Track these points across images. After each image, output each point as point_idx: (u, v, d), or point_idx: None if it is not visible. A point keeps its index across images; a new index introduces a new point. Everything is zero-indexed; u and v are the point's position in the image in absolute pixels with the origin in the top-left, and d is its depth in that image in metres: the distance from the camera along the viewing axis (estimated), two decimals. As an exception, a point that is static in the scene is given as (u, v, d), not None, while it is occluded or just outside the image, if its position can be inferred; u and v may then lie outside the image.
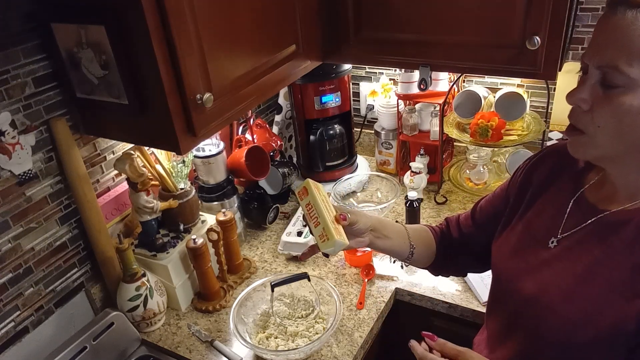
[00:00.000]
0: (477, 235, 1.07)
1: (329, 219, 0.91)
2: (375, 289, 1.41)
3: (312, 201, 0.94)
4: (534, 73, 1.20)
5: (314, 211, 0.93)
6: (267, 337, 1.26)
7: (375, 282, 1.44)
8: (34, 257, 1.18)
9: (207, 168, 1.52)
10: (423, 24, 1.26)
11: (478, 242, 1.05)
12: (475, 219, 1.08)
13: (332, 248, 0.89)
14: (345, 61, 1.59)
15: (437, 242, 1.11)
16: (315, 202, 0.93)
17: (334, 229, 0.89)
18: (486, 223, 1.04)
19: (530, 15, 1.13)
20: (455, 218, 1.13)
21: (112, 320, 1.24)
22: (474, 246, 1.07)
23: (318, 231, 0.91)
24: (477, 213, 1.08)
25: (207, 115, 1.03)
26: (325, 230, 0.89)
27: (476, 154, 1.71)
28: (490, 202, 1.06)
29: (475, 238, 1.07)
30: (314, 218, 0.92)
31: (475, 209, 1.09)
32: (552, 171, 0.92)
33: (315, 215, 0.92)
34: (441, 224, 1.15)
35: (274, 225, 1.72)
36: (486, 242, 1.01)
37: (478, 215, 1.08)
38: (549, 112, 1.67)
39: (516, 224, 0.94)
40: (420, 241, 1.08)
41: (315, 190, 0.96)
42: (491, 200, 1.06)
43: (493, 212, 1.03)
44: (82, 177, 1.21)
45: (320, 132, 1.75)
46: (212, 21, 0.99)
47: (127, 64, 0.96)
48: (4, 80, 1.05)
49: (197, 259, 1.33)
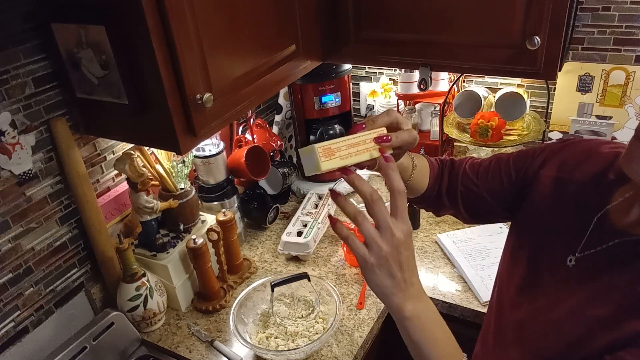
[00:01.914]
0: (474, 189, 0.96)
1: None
2: (375, 289, 1.41)
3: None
4: (534, 73, 1.20)
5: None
6: (267, 337, 1.27)
7: (375, 282, 1.44)
8: (34, 257, 1.18)
9: (207, 168, 1.52)
10: (423, 24, 1.26)
11: (473, 194, 0.96)
12: (479, 177, 0.96)
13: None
14: (345, 61, 1.59)
15: (432, 174, 0.99)
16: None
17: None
18: (494, 192, 0.93)
19: (530, 15, 1.13)
20: (461, 165, 0.99)
21: (112, 320, 1.24)
22: (468, 195, 0.97)
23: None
24: (481, 173, 0.96)
25: (207, 115, 1.03)
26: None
27: (476, 154, 1.71)
28: (498, 168, 0.93)
29: (472, 191, 0.96)
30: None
31: (484, 172, 0.95)
32: (575, 175, 0.80)
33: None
34: (443, 161, 1.02)
35: (274, 225, 1.72)
36: (481, 196, 0.94)
37: (482, 175, 0.95)
38: (549, 112, 1.67)
39: (522, 226, 0.87)
40: (419, 168, 0.95)
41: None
42: (499, 166, 0.94)
43: (499, 179, 0.92)
44: (82, 177, 1.21)
45: (320, 132, 1.75)
46: (212, 21, 0.99)
47: (127, 64, 0.96)
48: (4, 80, 1.05)
49: (197, 259, 1.33)
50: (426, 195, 0.99)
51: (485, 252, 1.48)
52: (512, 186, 0.90)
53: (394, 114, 0.77)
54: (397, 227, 0.66)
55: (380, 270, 0.67)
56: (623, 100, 1.57)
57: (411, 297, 0.69)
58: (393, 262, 0.66)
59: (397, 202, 0.68)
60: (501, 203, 0.93)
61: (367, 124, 0.74)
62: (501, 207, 0.94)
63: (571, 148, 0.85)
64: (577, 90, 1.62)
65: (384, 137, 0.72)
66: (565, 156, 0.84)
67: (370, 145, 0.72)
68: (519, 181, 0.89)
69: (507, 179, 0.91)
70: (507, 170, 0.91)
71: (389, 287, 0.67)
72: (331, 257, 1.56)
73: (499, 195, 0.92)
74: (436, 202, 1.00)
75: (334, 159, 0.70)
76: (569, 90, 1.63)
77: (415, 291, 0.69)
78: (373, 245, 0.66)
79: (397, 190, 0.68)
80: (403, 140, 0.75)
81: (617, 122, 1.61)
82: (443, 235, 1.56)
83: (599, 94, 1.60)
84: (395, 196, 0.68)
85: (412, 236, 0.69)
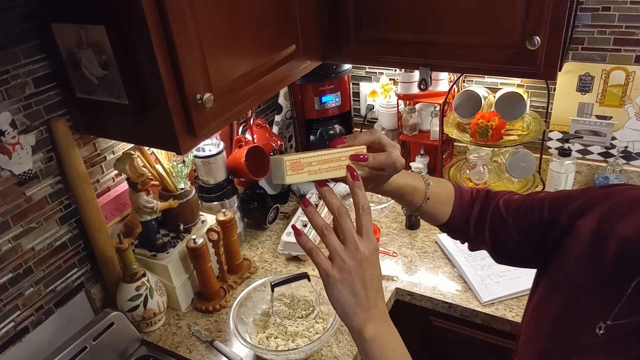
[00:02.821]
0: (503, 222, 0.88)
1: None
2: (375, 289, 1.41)
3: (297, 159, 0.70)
4: (534, 73, 1.20)
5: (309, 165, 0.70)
6: (267, 337, 1.26)
7: (375, 282, 1.44)
8: (34, 257, 1.18)
9: (207, 168, 1.51)
10: (423, 24, 1.26)
11: (501, 227, 0.88)
12: (510, 211, 0.88)
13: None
14: (345, 61, 1.59)
15: (456, 202, 0.93)
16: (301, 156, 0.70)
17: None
18: (523, 228, 0.85)
19: (530, 15, 1.13)
20: (495, 197, 0.92)
21: (112, 320, 1.24)
22: (499, 235, 0.90)
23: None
24: (514, 208, 0.88)
25: (207, 115, 1.03)
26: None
27: (476, 154, 1.71)
28: (532, 208, 0.85)
29: (500, 224, 0.89)
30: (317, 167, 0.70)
31: (516, 207, 0.88)
32: (618, 228, 0.69)
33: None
34: (478, 190, 0.95)
35: (274, 225, 1.72)
36: (508, 231, 0.86)
37: (514, 210, 0.88)
38: (549, 112, 1.67)
39: (551, 280, 0.76)
40: (437, 195, 0.90)
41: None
42: (532, 204, 0.85)
43: (530, 217, 0.84)
44: (82, 177, 1.21)
45: (320, 132, 1.75)
46: (212, 21, 0.99)
47: (127, 64, 0.96)
48: (4, 80, 1.05)
49: (197, 259, 1.33)
50: (451, 223, 0.93)
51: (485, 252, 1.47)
52: (542, 225, 0.81)
53: (377, 134, 0.75)
54: (363, 243, 0.66)
55: (342, 286, 0.65)
56: (623, 100, 1.57)
57: (373, 319, 0.66)
58: (356, 278, 0.65)
59: (362, 220, 0.67)
60: (528, 240, 0.84)
61: (348, 139, 0.73)
62: (528, 244, 0.84)
63: (616, 196, 0.74)
64: (577, 90, 1.62)
65: (360, 156, 0.71)
66: (608, 205, 0.73)
67: (345, 162, 0.71)
68: (551, 222, 0.80)
69: (538, 216, 0.82)
70: (541, 208, 0.82)
71: (351, 305, 0.66)
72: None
73: (528, 232, 0.84)
74: (463, 233, 0.95)
75: (302, 174, 0.70)
76: (569, 90, 1.63)
77: (379, 313, 0.67)
78: (337, 258, 0.65)
79: (362, 207, 0.67)
80: (380, 162, 0.73)
81: (617, 122, 1.61)
82: (443, 235, 1.56)
83: (599, 94, 1.60)
84: (359, 214, 0.67)
85: (378, 257, 0.68)
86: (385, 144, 0.75)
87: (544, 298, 0.77)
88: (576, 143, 1.70)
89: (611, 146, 1.65)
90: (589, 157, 1.71)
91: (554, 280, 0.76)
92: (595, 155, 1.69)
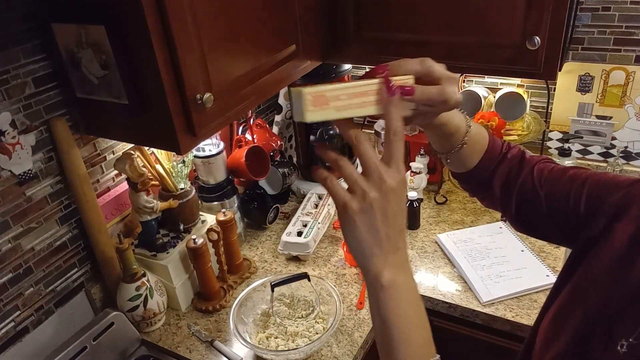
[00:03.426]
0: (535, 192, 0.78)
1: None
2: (375, 289, 1.41)
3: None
4: (534, 73, 1.20)
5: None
6: (267, 337, 1.26)
7: (375, 282, 1.44)
8: (34, 257, 1.18)
9: (207, 168, 1.51)
10: (423, 24, 1.26)
11: (532, 197, 0.78)
12: (545, 181, 0.78)
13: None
14: (345, 61, 1.59)
15: (486, 152, 0.82)
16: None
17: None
18: (555, 209, 0.76)
19: (530, 15, 1.13)
20: (531, 161, 0.82)
21: (112, 320, 1.23)
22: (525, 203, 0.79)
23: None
24: (550, 179, 0.78)
25: (207, 115, 1.03)
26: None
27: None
28: (569, 191, 0.74)
29: (532, 193, 0.79)
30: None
31: (552, 180, 0.77)
32: None
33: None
34: (511, 146, 0.85)
35: (274, 225, 1.72)
36: (539, 203, 0.77)
37: (550, 181, 0.78)
38: (549, 112, 1.67)
39: (577, 286, 0.70)
40: (473, 141, 0.80)
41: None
42: (571, 184, 0.75)
43: (566, 198, 0.74)
44: (82, 177, 1.21)
45: (320, 132, 1.75)
46: (212, 21, 0.99)
47: (127, 64, 0.96)
48: (4, 80, 1.05)
49: (197, 259, 1.33)
50: (474, 173, 0.82)
51: (485, 252, 1.48)
52: (577, 219, 0.73)
53: (428, 63, 0.62)
54: (389, 173, 0.55)
55: (361, 221, 0.55)
56: (623, 100, 1.57)
57: (393, 264, 0.57)
58: (378, 212, 0.55)
59: (391, 146, 0.56)
60: (559, 224, 0.76)
61: (390, 67, 0.61)
62: (558, 228, 0.77)
63: None
64: (577, 90, 1.62)
65: (405, 88, 0.58)
66: None
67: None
68: (586, 219, 0.71)
69: (574, 206, 0.73)
70: (578, 196, 0.73)
71: (369, 245, 0.56)
72: (331, 257, 1.56)
73: (560, 217, 0.75)
74: (484, 188, 0.83)
75: (327, 110, 0.57)
76: (569, 90, 1.63)
77: (399, 258, 0.58)
78: (356, 189, 0.55)
79: (394, 131, 0.56)
80: (429, 97, 0.61)
81: (617, 122, 1.61)
82: (443, 235, 1.56)
83: (599, 94, 1.60)
84: (389, 139, 0.56)
85: (404, 191, 0.57)
86: (440, 76, 0.62)
87: (567, 305, 0.71)
88: (576, 143, 1.70)
89: (611, 146, 1.66)
90: (589, 157, 1.71)
91: (580, 288, 0.69)
92: (595, 155, 1.69)
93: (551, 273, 1.37)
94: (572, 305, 0.70)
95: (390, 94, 0.57)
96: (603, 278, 0.66)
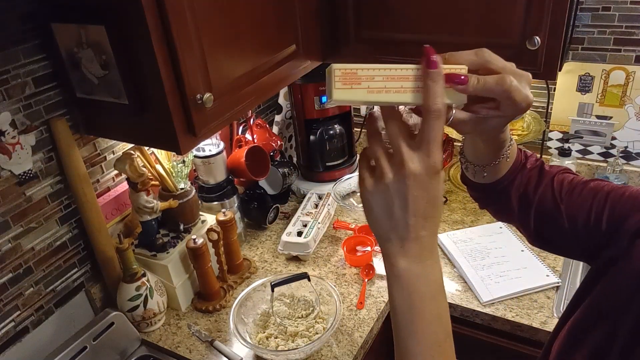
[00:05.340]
0: (555, 206, 0.73)
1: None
2: (375, 289, 1.41)
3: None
4: (534, 73, 1.19)
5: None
6: (267, 337, 1.26)
7: (376, 282, 1.44)
8: (34, 257, 1.18)
9: (207, 168, 1.51)
10: (423, 24, 1.26)
11: (552, 211, 0.73)
12: (564, 194, 0.73)
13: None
14: (346, 61, 1.58)
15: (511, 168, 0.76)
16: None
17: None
18: (573, 212, 0.71)
19: (530, 15, 1.13)
20: (550, 173, 0.77)
21: (112, 320, 1.24)
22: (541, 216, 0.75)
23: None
24: (569, 192, 0.73)
25: (207, 115, 1.03)
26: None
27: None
28: (589, 200, 0.70)
29: (552, 207, 0.74)
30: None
31: (572, 193, 0.73)
32: None
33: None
34: (528, 155, 0.79)
35: (274, 225, 1.72)
36: (559, 218, 0.72)
37: (569, 194, 0.73)
38: (549, 112, 1.67)
39: (596, 306, 0.67)
40: (512, 153, 0.75)
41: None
42: (592, 198, 0.70)
43: (587, 213, 0.70)
44: (82, 177, 1.21)
45: (320, 132, 1.75)
46: (212, 21, 0.99)
47: (127, 64, 0.96)
48: (4, 80, 1.05)
49: (197, 259, 1.33)
50: (497, 186, 0.76)
51: (485, 252, 1.48)
52: (598, 237, 0.69)
53: (485, 53, 0.57)
54: (414, 157, 0.51)
55: (374, 201, 0.53)
56: (623, 100, 1.57)
57: (410, 252, 0.53)
58: (395, 196, 0.51)
59: (426, 126, 0.50)
60: (580, 241, 0.72)
61: (446, 56, 0.56)
62: (579, 245, 0.72)
63: None
64: (577, 90, 1.62)
65: (461, 77, 0.53)
66: None
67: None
68: (609, 238, 0.68)
69: (595, 219, 0.69)
70: (600, 209, 0.69)
71: (385, 229, 0.53)
72: (331, 257, 1.56)
73: (581, 231, 0.71)
74: (499, 199, 0.77)
75: (357, 90, 0.51)
76: (569, 90, 1.63)
77: (419, 248, 0.53)
78: (377, 166, 0.52)
79: (432, 108, 0.50)
80: (488, 87, 0.54)
81: (617, 122, 1.61)
82: (443, 235, 1.56)
83: (599, 94, 1.60)
84: (426, 118, 0.50)
85: (438, 178, 0.53)
86: (500, 67, 0.56)
87: (583, 322, 0.68)
88: (576, 143, 1.70)
89: (611, 146, 1.66)
90: (589, 157, 1.71)
91: (599, 308, 0.66)
92: (595, 155, 1.70)
93: (551, 273, 1.37)
94: (590, 322, 0.67)
95: (431, 66, 0.51)
96: (623, 295, 0.63)
